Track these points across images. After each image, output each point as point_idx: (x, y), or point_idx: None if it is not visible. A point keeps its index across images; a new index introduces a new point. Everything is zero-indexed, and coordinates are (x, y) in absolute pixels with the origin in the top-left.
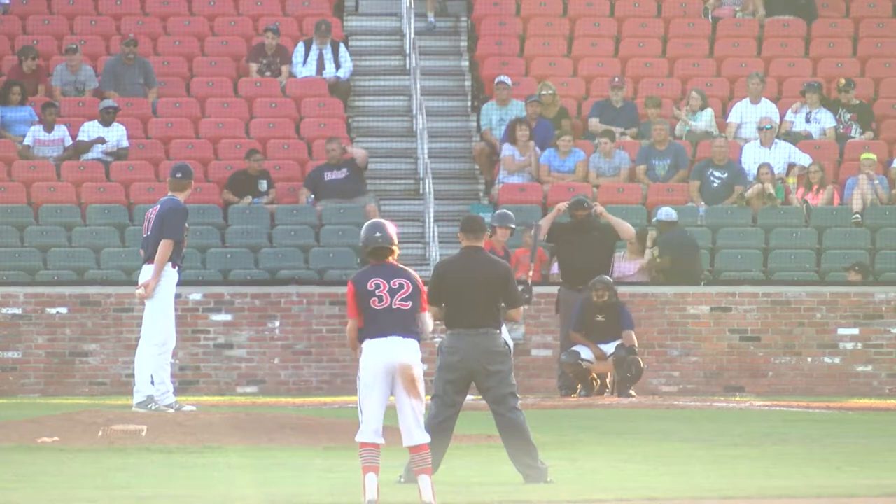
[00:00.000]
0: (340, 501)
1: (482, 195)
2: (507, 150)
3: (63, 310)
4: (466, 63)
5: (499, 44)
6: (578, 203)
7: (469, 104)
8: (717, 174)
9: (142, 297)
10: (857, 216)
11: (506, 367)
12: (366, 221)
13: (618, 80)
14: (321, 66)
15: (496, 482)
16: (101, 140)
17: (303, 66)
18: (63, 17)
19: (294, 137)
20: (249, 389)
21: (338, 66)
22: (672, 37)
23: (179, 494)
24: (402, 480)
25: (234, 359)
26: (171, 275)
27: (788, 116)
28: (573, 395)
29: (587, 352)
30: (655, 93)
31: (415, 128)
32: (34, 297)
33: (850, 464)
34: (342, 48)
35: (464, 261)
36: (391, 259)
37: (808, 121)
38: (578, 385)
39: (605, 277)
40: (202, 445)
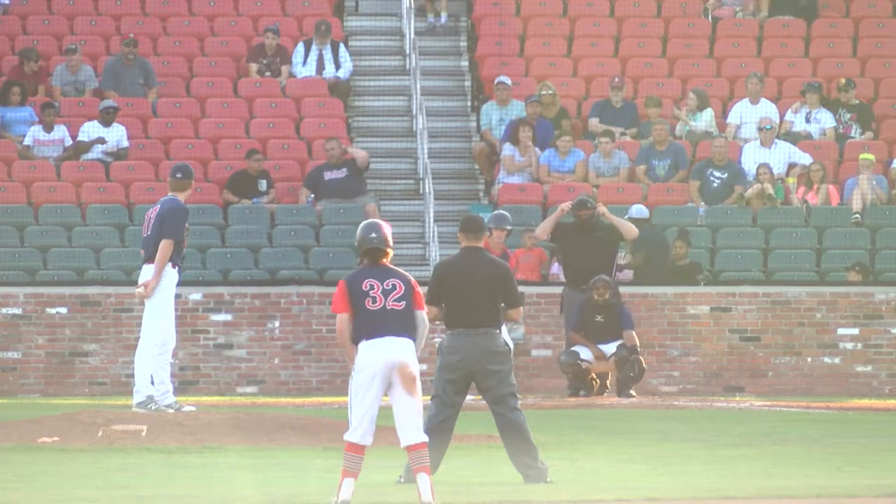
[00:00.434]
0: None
1: (482, 195)
2: (507, 151)
3: (63, 310)
4: (466, 63)
5: (499, 44)
6: (582, 203)
7: (469, 104)
8: (717, 174)
9: (142, 297)
10: (857, 216)
11: (506, 367)
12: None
13: (618, 81)
14: (321, 67)
15: (496, 482)
16: (101, 140)
17: (303, 67)
18: (63, 18)
19: (294, 137)
20: (249, 389)
21: (338, 67)
22: (672, 37)
23: (179, 494)
24: (402, 480)
25: (234, 359)
26: (172, 275)
27: (788, 116)
28: (581, 394)
29: (586, 352)
30: (655, 93)
31: (415, 128)
32: (34, 298)
33: (850, 464)
34: (342, 48)
35: (463, 261)
36: (384, 261)
37: (808, 121)
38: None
39: (606, 277)
40: (202, 445)
